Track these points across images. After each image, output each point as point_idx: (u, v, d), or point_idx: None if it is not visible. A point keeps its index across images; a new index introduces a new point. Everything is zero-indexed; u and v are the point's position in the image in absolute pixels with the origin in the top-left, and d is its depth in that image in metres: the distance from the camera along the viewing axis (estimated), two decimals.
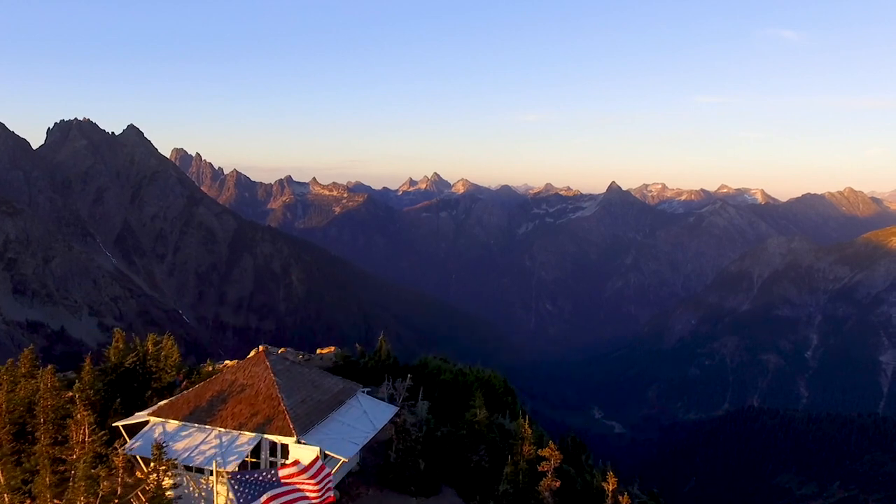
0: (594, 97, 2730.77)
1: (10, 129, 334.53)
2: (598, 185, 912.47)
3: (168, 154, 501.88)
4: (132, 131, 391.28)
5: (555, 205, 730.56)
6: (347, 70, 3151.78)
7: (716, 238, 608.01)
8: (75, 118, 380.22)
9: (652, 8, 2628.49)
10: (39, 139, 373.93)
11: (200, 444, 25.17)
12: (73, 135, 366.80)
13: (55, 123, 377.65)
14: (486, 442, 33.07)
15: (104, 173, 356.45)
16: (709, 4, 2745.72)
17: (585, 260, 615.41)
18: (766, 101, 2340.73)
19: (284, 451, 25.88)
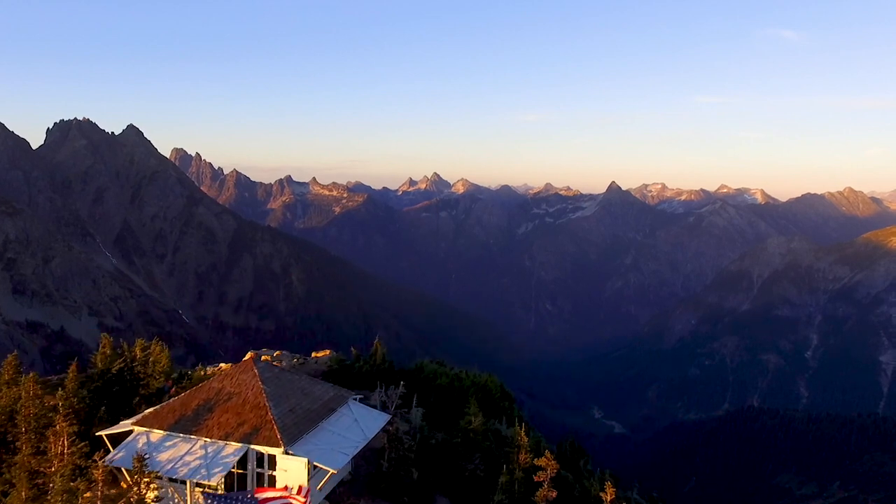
0: (594, 97, 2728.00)
1: (10, 128, 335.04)
2: (598, 185, 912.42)
3: (168, 154, 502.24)
4: (132, 131, 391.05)
5: (555, 205, 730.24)
6: (347, 70, 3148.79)
7: (716, 238, 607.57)
8: (75, 118, 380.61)
9: (652, 8, 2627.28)
10: (39, 139, 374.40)
11: (185, 455, 24.54)
12: (72, 135, 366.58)
13: (55, 123, 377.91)
14: (481, 450, 32.49)
15: (104, 173, 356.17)
16: (709, 4, 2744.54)
17: (585, 260, 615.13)
18: (766, 101, 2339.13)
19: (272, 462, 25.24)
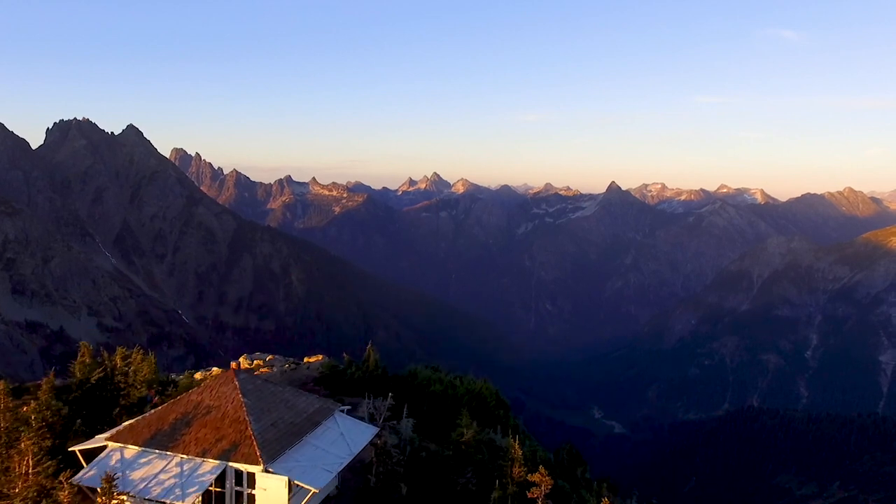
0: (594, 97, 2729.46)
1: (10, 128, 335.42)
2: (597, 185, 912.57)
3: (167, 154, 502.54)
4: (131, 131, 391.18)
5: (554, 205, 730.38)
6: (347, 70, 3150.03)
7: (715, 238, 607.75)
8: (74, 118, 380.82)
9: (652, 8, 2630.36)
10: (39, 139, 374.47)
11: (160, 473, 23.49)
12: (72, 135, 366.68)
13: (54, 123, 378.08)
14: (473, 463, 31.25)
15: (103, 173, 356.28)
16: (709, 4, 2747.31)
17: (585, 260, 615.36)
18: (766, 101, 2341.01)
19: (251, 480, 24.19)
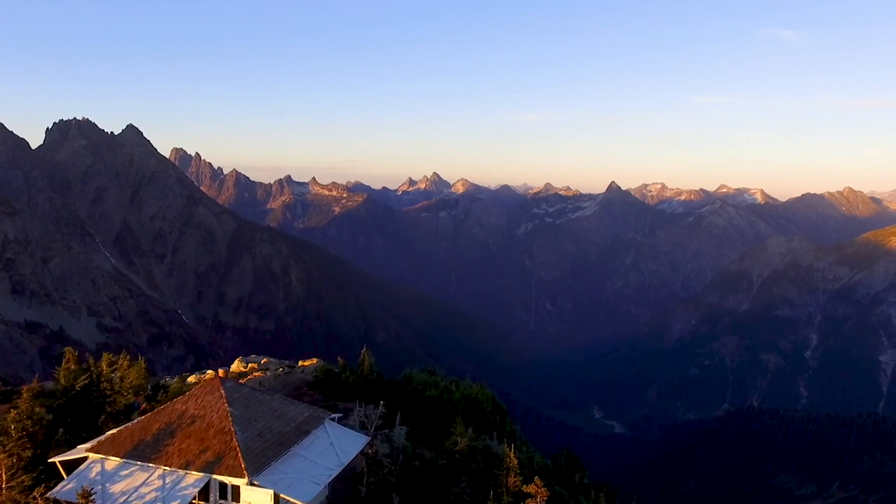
0: (594, 97, 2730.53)
1: (10, 128, 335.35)
2: (597, 185, 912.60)
3: (167, 154, 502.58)
4: (131, 131, 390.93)
5: (554, 205, 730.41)
6: (347, 70, 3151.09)
7: (715, 238, 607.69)
8: (74, 118, 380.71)
9: (652, 8, 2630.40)
10: (38, 139, 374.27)
11: (141, 486, 22.59)
12: (72, 135, 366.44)
13: (54, 123, 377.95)
14: (467, 472, 30.39)
15: (103, 173, 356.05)
16: (709, 4, 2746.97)
17: (585, 260, 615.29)
18: (766, 101, 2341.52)
19: (235, 493, 23.28)
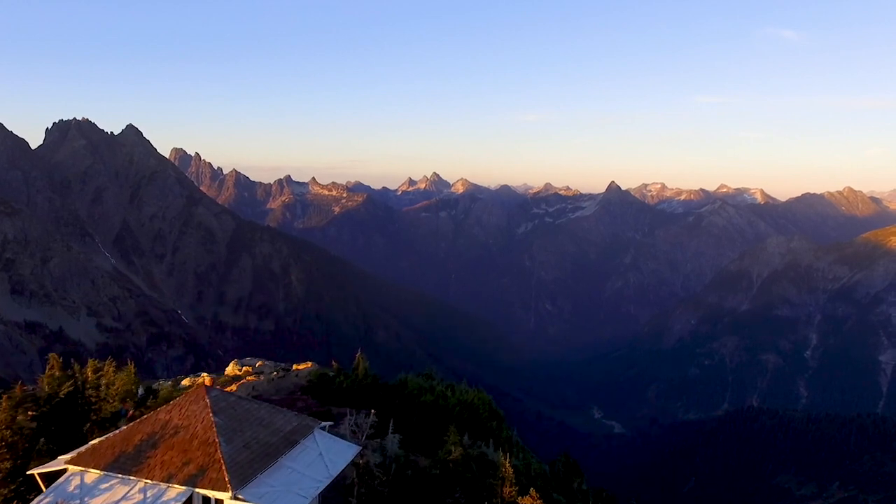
0: (594, 97, 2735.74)
1: (9, 128, 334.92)
2: (597, 185, 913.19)
3: (167, 154, 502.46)
4: (131, 131, 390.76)
5: (554, 204, 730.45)
6: (347, 70, 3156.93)
7: (715, 238, 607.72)
8: (74, 118, 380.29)
9: (652, 8, 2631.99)
10: (38, 139, 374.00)
11: (121, 500, 21.98)
12: (71, 134, 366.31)
13: (54, 123, 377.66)
14: (462, 482, 29.55)
15: (103, 173, 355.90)
16: (709, 4, 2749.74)
17: (585, 260, 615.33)
18: (766, 101, 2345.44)
19: None
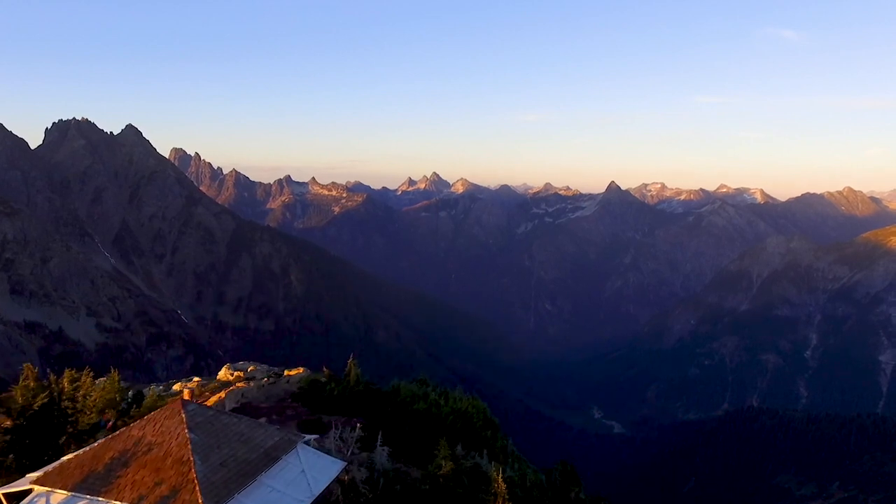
0: (594, 97, 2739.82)
1: (9, 128, 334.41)
2: (597, 185, 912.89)
3: (167, 154, 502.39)
4: (131, 131, 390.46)
5: (554, 204, 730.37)
6: (347, 70, 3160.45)
7: (715, 238, 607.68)
8: (73, 118, 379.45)
9: (652, 8, 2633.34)
10: (37, 139, 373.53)
11: None
12: (71, 134, 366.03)
13: (53, 123, 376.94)
14: (453, 498, 28.92)
15: (102, 173, 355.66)
16: (709, 4, 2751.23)
17: (585, 260, 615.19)
18: (766, 101, 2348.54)
19: None
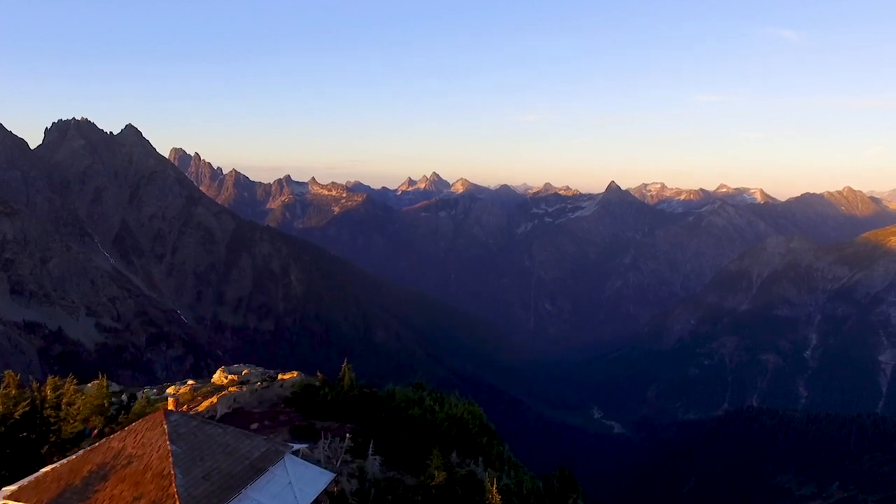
0: (594, 97, 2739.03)
1: (8, 128, 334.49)
2: (597, 185, 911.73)
3: (167, 154, 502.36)
4: (130, 131, 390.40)
5: (554, 204, 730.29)
6: (347, 70, 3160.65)
7: (715, 238, 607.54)
8: (73, 118, 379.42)
9: (652, 8, 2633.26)
10: (37, 139, 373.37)
11: None
12: (71, 134, 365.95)
13: (53, 123, 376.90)
14: None
15: (102, 173, 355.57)
16: (709, 4, 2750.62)
17: (585, 260, 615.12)
18: (766, 100, 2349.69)
19: None
